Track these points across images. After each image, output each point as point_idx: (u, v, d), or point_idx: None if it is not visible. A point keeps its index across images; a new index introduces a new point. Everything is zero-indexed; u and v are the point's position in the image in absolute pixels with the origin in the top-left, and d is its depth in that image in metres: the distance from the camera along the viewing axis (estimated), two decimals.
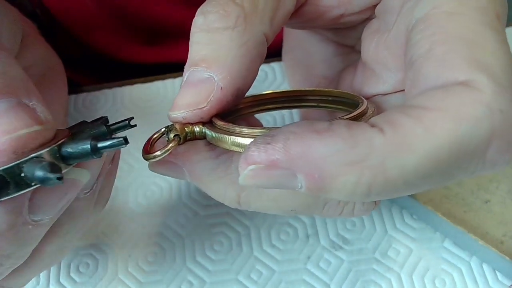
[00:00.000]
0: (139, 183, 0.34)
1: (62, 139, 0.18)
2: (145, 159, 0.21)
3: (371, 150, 0.16)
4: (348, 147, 0.16)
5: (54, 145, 0.18)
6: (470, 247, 0.30)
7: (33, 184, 0.17)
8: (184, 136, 0.21)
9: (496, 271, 0.30)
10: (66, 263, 0.31)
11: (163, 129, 0.22)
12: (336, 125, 0.17)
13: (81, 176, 0.20)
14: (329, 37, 0.29)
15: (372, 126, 0.16)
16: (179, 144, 0.21)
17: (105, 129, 0.20)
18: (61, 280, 0.31)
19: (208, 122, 0.21)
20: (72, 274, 0.31)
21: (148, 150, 0.21)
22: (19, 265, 0.21)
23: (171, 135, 0.21)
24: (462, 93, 0.16)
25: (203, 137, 0.21)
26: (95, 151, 0.18)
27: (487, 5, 0.18)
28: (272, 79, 0.39)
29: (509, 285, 0.29)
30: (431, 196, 0.31)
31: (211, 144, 0.21)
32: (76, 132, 0.19)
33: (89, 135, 0.19)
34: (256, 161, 0.17)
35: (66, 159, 0.18)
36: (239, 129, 0.20)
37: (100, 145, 0.18)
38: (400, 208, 0.33)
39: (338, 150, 0.16)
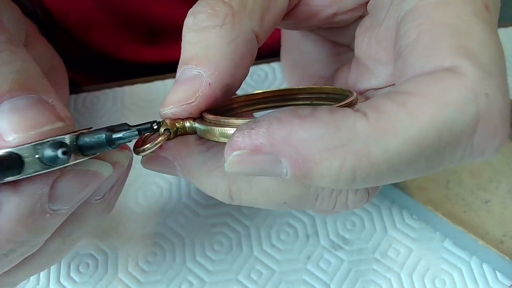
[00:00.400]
0: (139, 183, 0.34)
1: (81, 130, 0.19)
2: (135, 153, 0.21)
3: (354, 135, 0.16)
4: (330, 132, 0.16)
5: (73, 133, 0.18)
6: (470, 247, 0.30)
7: (48, 165, 0.18)
8: (175, 131, 0.22)
9: (496, 271, 0.30)
10: (66, 263, 0.31)
11: (155, 126, 0.22)
12: (319, 110, 0.17)
13: (104, 169, 0.21)
14: (325, 37, 0.29)
15: (356, 111, 0.17)
16: (169, 139, 0.21)
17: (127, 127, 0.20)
18: (61, 280, 0.31)
19: (199, 117, 0.22)
20: (72, 274, 0.31)
21: (139, 145, 0.21)
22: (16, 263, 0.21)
23: (162, 130, 0.21)
24: (447, 79, 0.16)
25: (194, 132, 0.22)
26: (110, 142, 0.19)
27: None
28: (272, 79, 0.40)
29: (509, 285, 0.29)
30: (431, 196, 0.31)
31: (202, 139, 0.22)
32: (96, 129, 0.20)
33: (107, 128, 0.19)
34: (240, 147, 0.17)
35: (83, 149, 0.19)
36: (227, 120, 0.20)
37: (115, 135, 0.19)
38: (400, 208, 0.33)
39: (320, 134, 0.16)
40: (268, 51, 0.38)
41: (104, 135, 0.18)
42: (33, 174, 0.18)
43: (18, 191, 0.18)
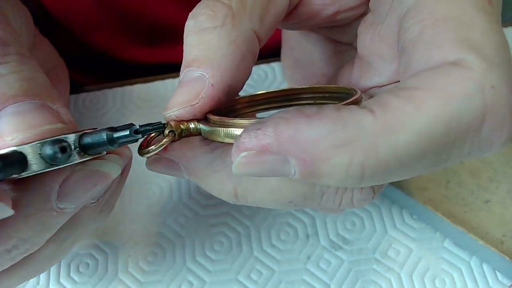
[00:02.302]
0: (139, 183, 0.34)
1: (84, 130, 0.19)
2: (140, 154, 0.21)
3: (362, 131, 0.16)
4: (337, 129, 0.16)
5: (76, 133, 0.19)
6: (470, 247, 0.30)
7: (51, 164, 0.18)
8: (180, 133, 0.22)
9: (496, 271, 0.30)
10: (66, 263, 0.31)
11: (153, 123, 0.22)
12: (326, 109, 0.17)
13: (113, 171, 0.21)
14: (326, 36, 0.29)
15: (362, 108, 0.16)
16: (174, 140, 0.21)
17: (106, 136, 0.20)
18: (61, 280, 0.31)
19: (203, 119, 0.22)
20: (72, 274, 0.31)
21: (144, 147, 0.21)
22: (10, 267, 0.21)
23: (166, 131, 0.21)
24: (452, 72, 0.16)
25: (198, 133, 0.22)
26: (111, 141, 0.19)
27: None
28: (272, 79, 0.40)
29: (509, 285, 0.29)
30: (431, 196, 0.31)
31: (206, 140, 0.22)
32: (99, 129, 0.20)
33: (109, 128, 0.20)
34: (247, 147, 0.17)
35: (85, 148, 0.19)
36: (232, 121, 0.20)
37: (116, 135, 0.19)
38: (400, 208, 0.33)
39: (327, 132, 0.16)
40: (268, 51, 0.38)
41: (105, 134, 0.19)
42: (37, 172, 0.18)
43: (27, 187, 0.19)
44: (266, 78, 0.39)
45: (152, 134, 0.22)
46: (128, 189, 0.34)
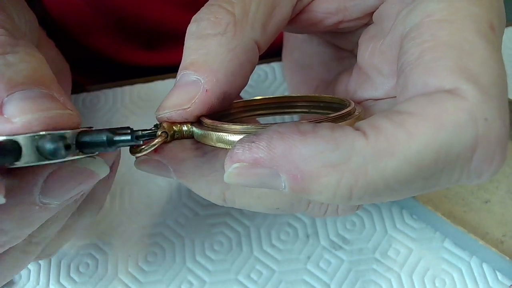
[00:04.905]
0: (139, 183, 0.34)
1: (82, 128, 0.19)
2: (131, 153, 0.21)
3: (353, 153, 0.16)
4: (329, 149, 0.16)
5: (75, 130, 0.18)
6: (470, 247, 0.30)
7: (45, 158, 0.18)
8: (172, 135, 0.22)
9: (496, 271, 0.30)
10: (66, 263, 0.31)
11: (152, 128, 0.22)
12: (320, 127, 0.17)
13: (100, 170, 0.21)
14: (328, 41, 0.29)
15: (356, 129, 0.17)
16: (166, 142, 0.21)
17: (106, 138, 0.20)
18: (61, 280, 0.31)
19: (197, 122, 0.22)
20: (72, 274, 0.31)
21: (136, 146, 0.21)
22: None
23: (159, 132, 0.21)
24: (446, 100, 0.16)
25: (191, 135, 0.22)
26: (111, 143, 0.19)
27: (480, 14, 0.18)
28: (272, 79, 0.40)
29: (509, 285, 0.29)
30: (431, 196, 0.31)
31: (198, 143, 0.22)
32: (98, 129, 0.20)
33: (109, 129, 0.20)
34: (240, 159, 0.17)
35: (82, 146, 0.19)
36: (225, 126, 0.20)
37: (116, 138, 0.19)
38: (400, 208, 0.33)
39: (319, 151, 0.16)
40: (268, 51, 0.38)
41: (105, 136, 0.19)
42: (30, 165, 0.18)
43: (10, 177, 0.18)
44: (266, 78, 0.39)
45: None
46: (128, 189, 0.34)
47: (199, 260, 0.31)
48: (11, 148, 0.17)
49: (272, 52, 0.39)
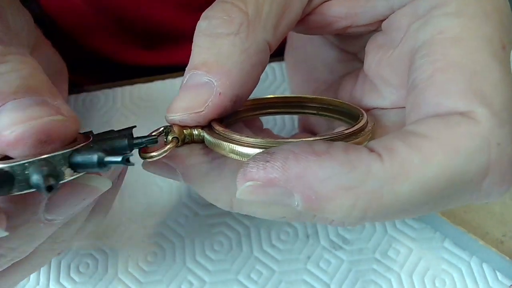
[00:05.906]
0: (139, 183, 0.34)
1: (78, 144, 0.19)
2: (141, 157, 0.21)
3: (368, 176, 0.16)
4: (345, 172, 0.16)
5: (68, 150, 0.18)
6: (470, 247, 0.30)
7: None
8: (183, 139, 0.21)
9: (496, 271, 0.30)
10: (66, 263, 0.31)
11: (161, 129, 0.22)
12: (335, 148, 0.17)
13: (102, 185, 0.20)
14: (333, 42, 0.29)
15: (371, 151, 0.17)
16: (176, 147, 0.21)
17: (126, 144, 0.20)
18: (61, 280, 0.31)
19: (207, 126, 0.21)
20: (72, 274, 0.31)
21: (145, 149, 0.21)
22: None
23: (170, 137, 0.21)
24: (461, 124, 0.17)
25: (201, 140, 0.21)
26: (101, 165, 0.18)
27: (493, 33, 0.18)
28: (272, 79, 0.39)
29: (509, 285, 0.29)
30: None
31: (206, 148, 0.21)
32: (97, 140, 0.20)
33: (103, 147, 0.19)
34: (254, 178, 0.17)
35: (75, 166, 0.18)
36: (238, 136, 0.20)
37: (107, 159, 0.18)
38: None
39: (335, 173, 0.16)
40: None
41: (97, 157, 0.18)
42: (23, 193, 0.17)
43: (13, 198, 0.18)
44: (266, 78, 0.39)
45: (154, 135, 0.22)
46: (128, 189, 0.34)
47: (199, 260, 0.31)
48: (4, 178, 0.17)
49: (272, 52, 0.39)
